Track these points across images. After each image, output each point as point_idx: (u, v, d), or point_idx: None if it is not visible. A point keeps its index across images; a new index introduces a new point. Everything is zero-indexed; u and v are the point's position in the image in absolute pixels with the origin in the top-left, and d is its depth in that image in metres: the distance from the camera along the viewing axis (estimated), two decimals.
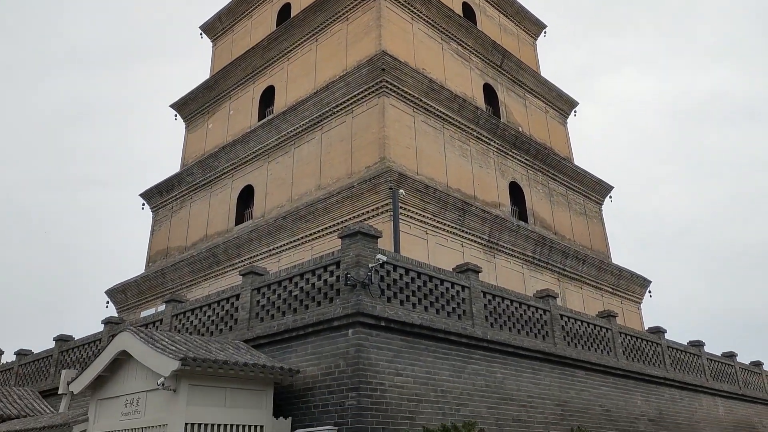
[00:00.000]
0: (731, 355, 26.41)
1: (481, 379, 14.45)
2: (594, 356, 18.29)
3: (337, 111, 23.83)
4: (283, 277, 14.22)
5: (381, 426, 11.75)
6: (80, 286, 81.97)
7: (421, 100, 23.71)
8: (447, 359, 13.83)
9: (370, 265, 12.66)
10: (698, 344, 24.36)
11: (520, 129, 29.04)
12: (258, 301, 14.61)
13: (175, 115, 33.39)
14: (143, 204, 32.02)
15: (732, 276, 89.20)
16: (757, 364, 28.51)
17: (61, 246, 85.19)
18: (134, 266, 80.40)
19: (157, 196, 31.25)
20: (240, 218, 26.66)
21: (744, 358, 28.09)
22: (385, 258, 12.95)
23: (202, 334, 15.35)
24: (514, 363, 15.54)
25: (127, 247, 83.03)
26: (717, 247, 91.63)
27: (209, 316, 15.78)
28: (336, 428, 11.55)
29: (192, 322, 16.21)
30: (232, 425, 11.49)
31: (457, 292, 14.90)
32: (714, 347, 26.45)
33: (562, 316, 17.94)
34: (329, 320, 12.60)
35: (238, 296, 15.14)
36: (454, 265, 16.08)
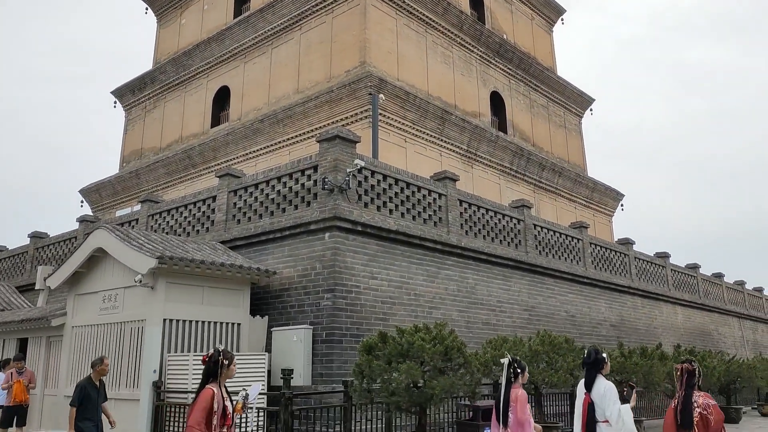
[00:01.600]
0: (695, 267, 27.47)
1: (453, 284, 14.87)
2: (564, 265, 18.86)
3: (317, 10, 22.88)
4: (260, 180, 14.15)
5: (355, 326, 12.14)
6: (54, 184, 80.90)
7: (404, 2, 22.81)
8: (421, 264, 14.14)
9: (348, 170, 12.61)
10: (664, 255, 25.22)
11: (505, 37, 28.30)
12: (235, 203, 14.58)
13: (146, 8, 31.79)
14: (115, 102, 31.07)
15: (705, 190, 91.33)
16: (719, 276, 29.74)
17: (34, 143, 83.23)
18: (110, 166, 79.35)
19: (129, 94, 30.29)
20: (216, 120, 26.09)
21: (707, 269, 29.27)
22: (363, 163, 12.89)
23: (179, 235, 15.39)
24: (486, 270, 15.97)
25: (101, 145, 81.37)
26: (692, 161, 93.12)
27: (185, 217, 15.77)
28: (311, 327, 11.91)
29: (168, 222, 16.20)
30: (209, 322, 11.77)
31: (434, 199, 15.02)
32: (680, 259, 27.44)
33: (535, 225, 18.30)
34: (306, 224, 12.68)
35: (214, 198, 15.09)
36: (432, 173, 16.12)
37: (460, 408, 11.85)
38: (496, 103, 26.99)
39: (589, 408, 6.23)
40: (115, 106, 31.12)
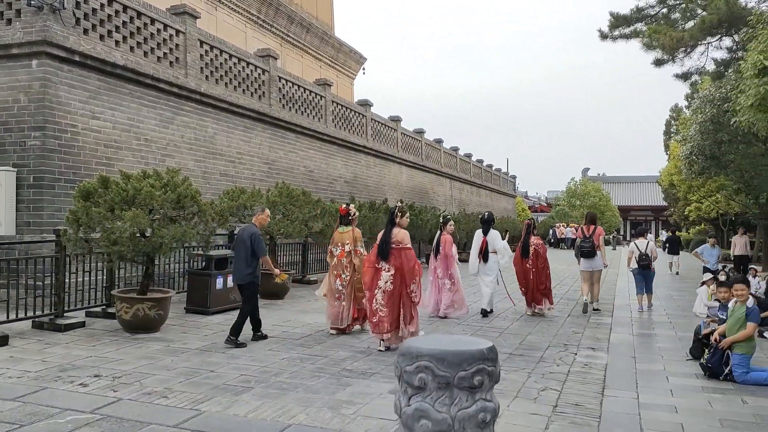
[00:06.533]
0: (420, 132, 30.00)
1: (191, 131, 13.92)
2: (306, 121, 18.93)
3: None
4: None
5: (71, 170, 10.71)
6: None
7: None
8: (154, 108, 12.85)
9: None
10: (396, 119, 26.94)
11: None
12: None
13: None
14: None
15: (439, 64, 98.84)
16: (439, 141, 33.04)
17: None
18: None
19: None
20: None
21: (430, 135, 32.25)
22: None
23: None
24: (227, 119, 15.23)
25: None
26: (431, 37, 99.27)
27: None
28: (15, 170, 10.18)
29: None
30: None
31: (171, 36, 13.48)
32: (409, 124, 29.65)
33: (280, 78, 17.81)
34: (6, 46, 10.44)
35: None
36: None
37: (193, 258, 11.53)
38: None
39: (486, 245, 10.23)
40: None
